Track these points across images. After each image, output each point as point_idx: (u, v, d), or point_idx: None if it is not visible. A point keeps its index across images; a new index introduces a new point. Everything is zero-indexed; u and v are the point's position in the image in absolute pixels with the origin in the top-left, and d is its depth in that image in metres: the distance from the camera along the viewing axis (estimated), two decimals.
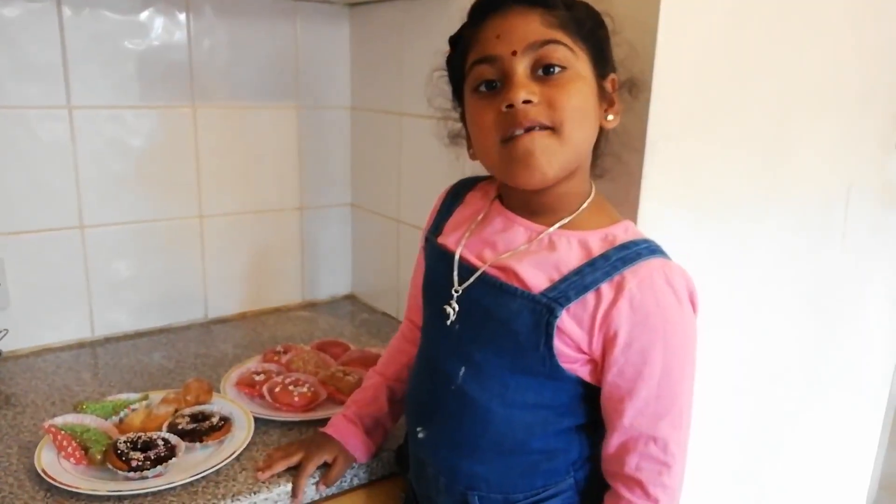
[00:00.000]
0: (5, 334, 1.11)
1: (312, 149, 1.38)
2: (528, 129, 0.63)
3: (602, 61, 0.68)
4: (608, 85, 0.69)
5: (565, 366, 0.66)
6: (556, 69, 0.63)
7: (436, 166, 1.18)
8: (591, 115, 0.66)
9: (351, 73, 1.39)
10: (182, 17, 1.19)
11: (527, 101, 0.62)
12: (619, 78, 0.72)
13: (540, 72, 0.64)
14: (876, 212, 1.19)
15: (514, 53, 0.63)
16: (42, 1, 1.07)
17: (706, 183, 0.90)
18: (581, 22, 0.66)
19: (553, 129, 0.63)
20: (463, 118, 0.74)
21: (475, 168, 0.85)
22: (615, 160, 0.77)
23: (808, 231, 1.07)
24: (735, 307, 1.00)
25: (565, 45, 0.64)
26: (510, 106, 0.63)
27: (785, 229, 1.03)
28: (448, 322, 0.71)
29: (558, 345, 0.65)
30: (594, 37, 0.67)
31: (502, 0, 0.65)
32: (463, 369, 0.70)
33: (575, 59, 0.64)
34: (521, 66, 0.63)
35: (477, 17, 0.67)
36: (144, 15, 1.15)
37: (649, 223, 0.80)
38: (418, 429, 0.75)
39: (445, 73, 0.74)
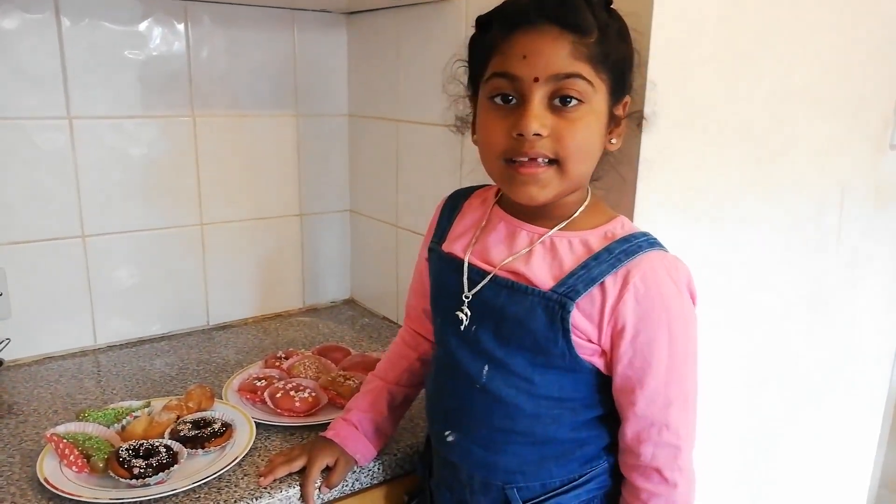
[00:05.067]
0: (7, 343, 1.12)
1: (311, 156, 1.39)
2: (532, 159, 0.64)
3: (620, 87, 0.68)
4: (620, 109, 0.69)
5: (583, 357, 0.68)
6: (573, 102, 0.64)
7: (433, 172, 1.18)
8: (597, 147, 0.68)
9: (349, 81, 1.40)
10: (181, 26, 1.20)
11: (536, 134, 0.63)
12: (632, 104, 0.71)
13: (557, 101, 0.64)
14: (869, 212, 1.20)
15: (536, 80, 0.63)
16: (41, 12, 1.08)
17: (700, 186, 0.90)
18: (608, 53, 0.65)
19: (555, 162, 0.65)
20: (473, 104, 0.73)
21: (472, 175, 0.86)
22: (611, 168, 0.78)
23: (802, 232, 1.08)
24: (731, 308, 1.00)
25: (587, 79, 0.63)
26: (520, 134, 0.64)
27: (780, 230, 1.04)
28: (462, 328, 0.72)
29: (574, 338, 0.67)
30: (618, 65, 0.67)
31: (537, 16, 0.63)
32: (486, 368, 0.71)
33: (593, 93, 0.64)
34: (539, 94, 0.63)
35: (507, 25, 0.65)
36: (143, 25, 1.16)
37: (644, 227, 0.81)
38: (447, 433, 0.75)
39: (466, 52, 0.72)
